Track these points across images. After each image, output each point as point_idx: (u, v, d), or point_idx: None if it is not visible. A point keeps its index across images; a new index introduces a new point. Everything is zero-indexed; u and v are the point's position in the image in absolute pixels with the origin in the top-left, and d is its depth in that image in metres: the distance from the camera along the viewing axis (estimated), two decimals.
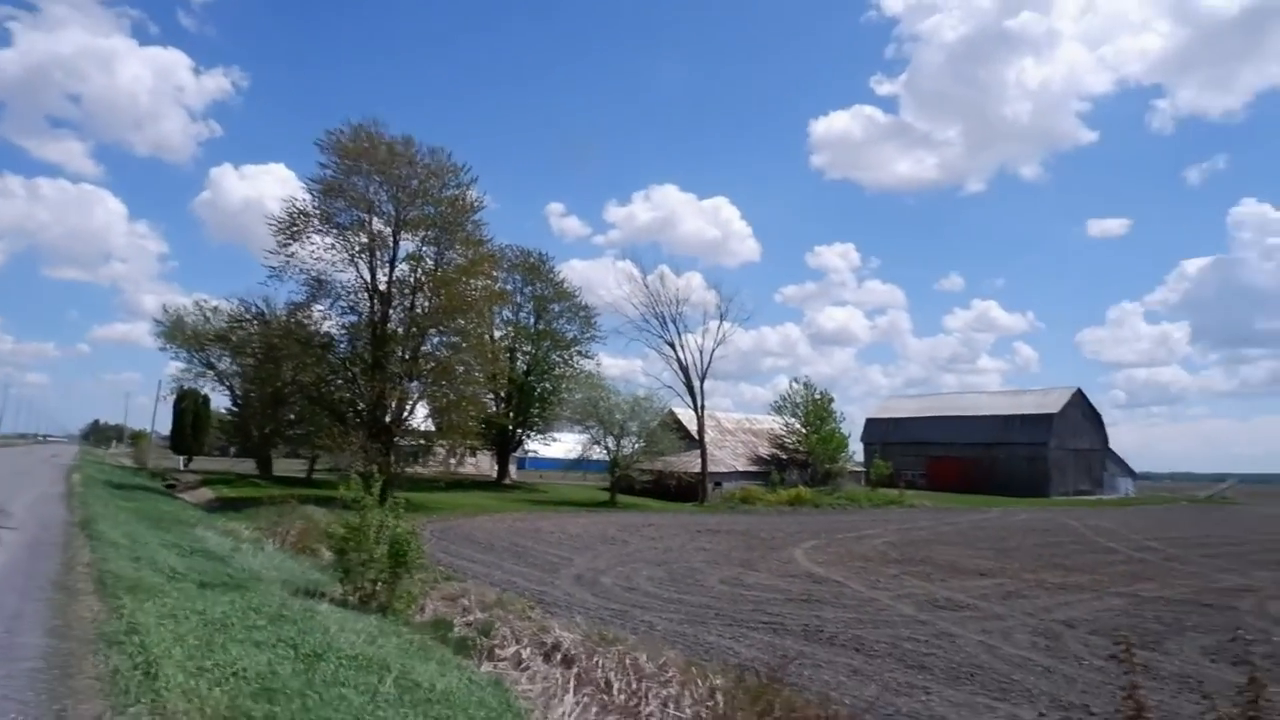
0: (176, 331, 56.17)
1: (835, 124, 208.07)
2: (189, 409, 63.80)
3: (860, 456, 72.42)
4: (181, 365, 58.33)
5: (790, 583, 18.39)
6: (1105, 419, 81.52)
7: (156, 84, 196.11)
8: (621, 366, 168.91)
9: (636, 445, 46.91)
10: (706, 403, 53.18)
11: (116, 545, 12.01)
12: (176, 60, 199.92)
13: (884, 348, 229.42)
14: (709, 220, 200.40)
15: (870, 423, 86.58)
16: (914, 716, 8.87)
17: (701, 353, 51.86)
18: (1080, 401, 78.21)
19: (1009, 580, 19.41)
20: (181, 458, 65.93)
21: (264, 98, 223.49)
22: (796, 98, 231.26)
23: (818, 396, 60.79)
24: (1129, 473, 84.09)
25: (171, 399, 64.59)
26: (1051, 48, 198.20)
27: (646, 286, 52.39)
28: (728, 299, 52.61)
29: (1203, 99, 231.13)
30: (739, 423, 64.86)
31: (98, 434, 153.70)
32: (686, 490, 50.26)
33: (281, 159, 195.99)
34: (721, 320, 52.17)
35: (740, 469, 55.73)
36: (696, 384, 51.77)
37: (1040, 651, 12.06)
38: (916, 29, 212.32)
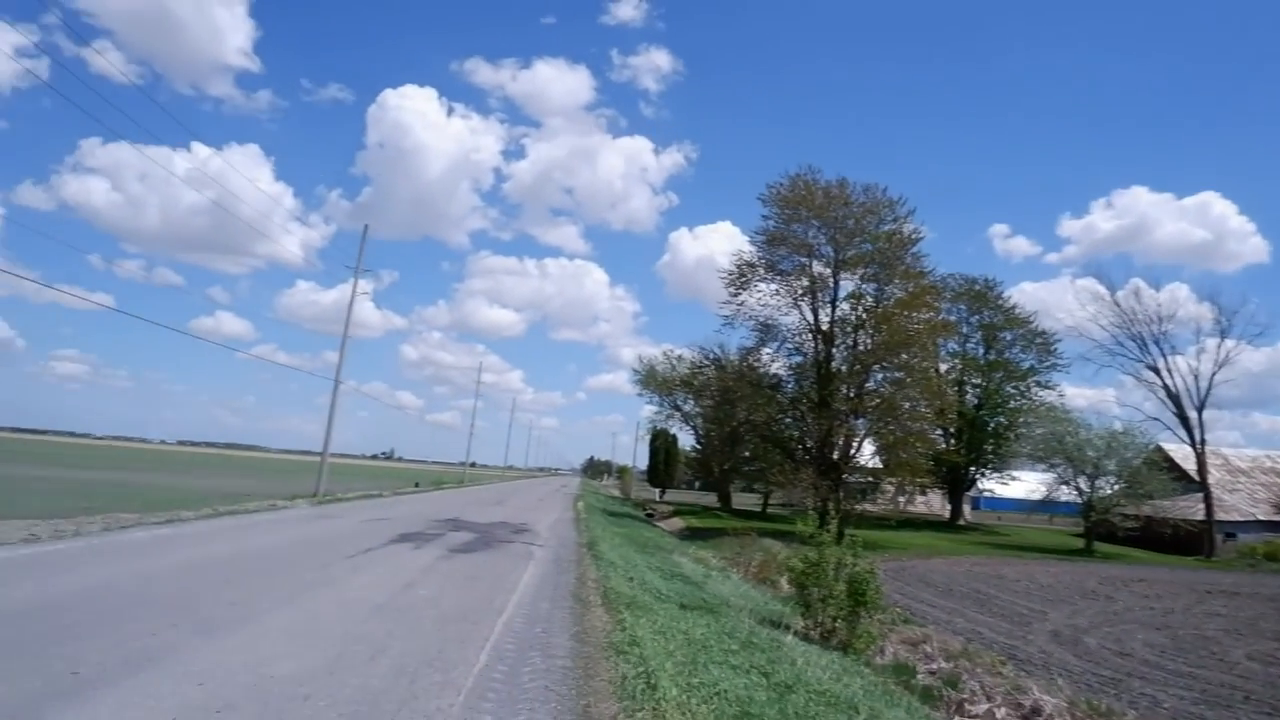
0: (649, 378, 64.87)
1: None
2: (661, 447, 72.79)
3: None
4: (654, 408, 67.42)
5: None
6: None
7: (627, 169, 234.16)
8: (1089, 397, 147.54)
9: (1115, 486, 41.05)
10: (1208, 436, 45.41)
11: (614, 565, 14.00)
12: (641, 146, 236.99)
13: None
14: (1194, 221, 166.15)
15: None
16: None
17: (1197, 377, 44.96)
18: None
19: None
20: (657, 490, 75.25)
21: (711, 165, 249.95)
22: None
23: None
24: None
25: (647, 438, 74.92)
26: None
27: (1117, 305, 46.82)
28: (1230, 312, 45.46)
29: None
30: (1256, 461, 53.16)
31: (593, 468, 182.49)
32: (1186, 541, 42.39)
33: (728, 217, 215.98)
34: (1223, 338, 44.83)
35: (1261, 518, 45.76)
36: (1192, 414, 44.62)
37: None
38: None
